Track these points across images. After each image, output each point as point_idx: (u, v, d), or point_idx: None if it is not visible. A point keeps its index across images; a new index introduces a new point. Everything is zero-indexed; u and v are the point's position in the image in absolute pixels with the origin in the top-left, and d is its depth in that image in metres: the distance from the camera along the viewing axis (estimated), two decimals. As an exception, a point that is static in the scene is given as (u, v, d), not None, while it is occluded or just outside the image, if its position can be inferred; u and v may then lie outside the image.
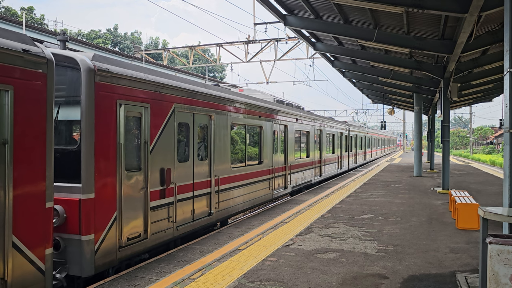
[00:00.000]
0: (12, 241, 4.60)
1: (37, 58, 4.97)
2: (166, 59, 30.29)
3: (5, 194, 4.52)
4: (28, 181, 4.83)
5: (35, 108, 4.92)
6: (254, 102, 12.05)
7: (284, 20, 12.55)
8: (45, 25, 45.16)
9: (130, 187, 6.84)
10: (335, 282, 5.68)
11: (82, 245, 5.94)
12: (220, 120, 9.84)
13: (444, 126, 15.57)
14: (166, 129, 7.73)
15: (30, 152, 4.86)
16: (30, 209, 4.85)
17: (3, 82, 4.52)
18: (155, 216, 7.38)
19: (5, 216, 4.51)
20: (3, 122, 4.54)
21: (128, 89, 6.81)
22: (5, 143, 4.54)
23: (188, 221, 8.48)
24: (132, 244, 6.85)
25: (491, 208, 4.84)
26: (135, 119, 7.02)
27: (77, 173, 6.00)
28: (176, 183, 8.05)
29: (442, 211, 11.45)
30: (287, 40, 24.03)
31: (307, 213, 11.09)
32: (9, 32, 4.94)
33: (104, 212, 6.29)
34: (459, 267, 6.40)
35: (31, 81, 4.89)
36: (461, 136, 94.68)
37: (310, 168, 18.10)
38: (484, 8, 8.21)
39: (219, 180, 9.75)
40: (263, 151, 12.59)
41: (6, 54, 4.58)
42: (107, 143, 6.37)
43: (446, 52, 11.87)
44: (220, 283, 5.62)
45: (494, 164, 38.27)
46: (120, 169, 6.58)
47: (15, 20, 25.07)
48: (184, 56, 51.67)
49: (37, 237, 4.94)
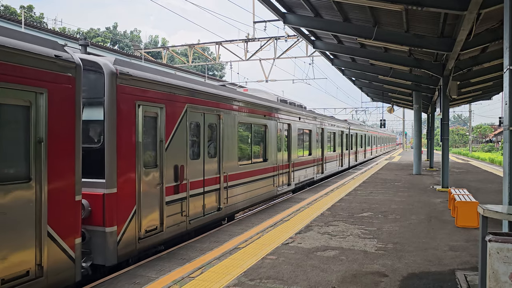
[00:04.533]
0: (47, 230, 5.09)
1: (67, 63, 5.43)
2: (166, 57, 30.24)
3: (41, 188, 5.01)
4: (60, 176, 5.32)
5: (66, 109, 5.40)
6: (259, 102, 12.46)
7: (284, 18, 12.53)
8: (45, 24, 45.08)
9: (148, 182, 7.26)
10: (334, 280, 5.69)
11: (106, 236, 6.36)
12: (228, 119, 10.26)
13: (444, 124, 15.58)
14: (179, 128, 8.14)
15: (61, 149, 5.35)
16: (62, 202, 5.34)
17: (39, 86, 5.01)
18: (170, 210, 7.81)
19: (41, 207, 5.01)
20: (39, 123, 5.04)
21: (146, 90, 7.25)
22: (41, 142, 5.04)
23: (199, 216, 8.89)
24: (150, 236, 7.27)
25: (490, 206, 4.84)
26: (151, 119, 7.44)
27: (101, 170, 6.42)
28: (189, 179, 8.45)
29: (441, 209, 11.46)
30: (287, 39, 23.98)
31: (307, 211, 11.10)
32: (42, 39, 5.38)
33: (125, 206, 6.72)
34: (459, 265, 6.40)
35: (62, 84, 5.36)
36: (461, 134, 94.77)
37: (312, 165, 18.45)
38: (484, 5, 8.20)
39: (227, 177, 10.15)
40: (268, 149, 13.01)
41: (41, 60, 5.04)
42: (127, 142, 6.79)
43: (446, 50, 11.86)
44: (219, 281, 5.63)
45: (493, 162, 38.29)
46: (139, 165, 7.01)
47: (14, 18, 25.01)
48: (184, 55, 51.61)
49: (68, 228, 5.43)
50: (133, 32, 66.13)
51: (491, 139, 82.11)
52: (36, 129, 5.01)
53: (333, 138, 23.12)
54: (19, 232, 4.79)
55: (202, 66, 58.26)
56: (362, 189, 15.94)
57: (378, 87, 25.00)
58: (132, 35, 64.25)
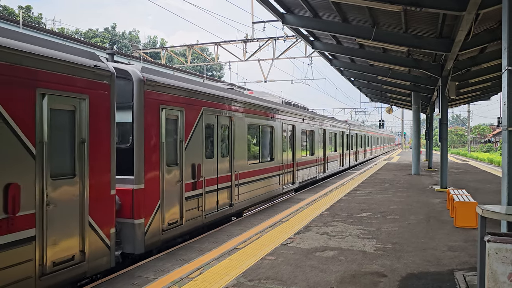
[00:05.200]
0: (89, 221, 5.79)
1: (104, 72, 6.11)
2: (164, 58, 30.22)
3: (83, 183, 5.71)
4: (99, 172, 6.01)
5: (103, 113, 6.10)
6: (266, 104, 13.20)
7: (283, 18, 12.53)
8: (43, 24, 45.05)
9: (170, 179, 7.95)
10: (333, 280, 5.69)
11: (134, 228, 7.06)
12: (239, 121, 10.98)
13: (442, 125, 15.60)
14: (196, 129, 8.84)
15: (100, 149, 6.04)
16: (100, 196, 6.02)
17: (82, 92, 5.69)
18: (188, 205, 8.50)
19: (84, 200, 5.70)
20: (82, 125, 5.73)
21: (168, 95, 7.95)
22: (83, 142, 5.74)
23: (213, 211, 9.58)
24: (171, 228, 7.98)
25: (489, 206, 4.85)
26: (173, 121, 8.13)
27: (130, 167, 7.09)
28: (205, 177, 9.16)
29: (440, 209, 11.47)
30: (285, 39, 23.98)
31: (306, 211, 11.10)
32: (82, 50, 6.08)
33: (151, 200, 7.39)
34: (457, 265, 6.41)
35: (100, 91, 6.04)
36: (459, 134, 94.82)
37: (315, 165, 19.14)
38: (482, 6, 8.21)
39: (238, 175, 10.84)
40: (274, 149, 13.72)
41: (83, 69, 5.73)
42: (153, 142, 7.48)
43: (444, 51, 11.87)
44: (218, 282, 5.62)
45: (492, 163, 38.32)
46: (162, 164, 7.70)
47: (12, 19, 24.98)
48: (182, 55, 51.58)
49: (105, 219, 6.11)
50: (131, 32, 66.10)
51: (490, 139, 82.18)
52: (79, 131, 5.72)
53: (334, 138, 23.73)
54: (66, 222, 5.48)
55: (201, 67, 58.26)
56: (361, 189, 15.94)
57: (377, 88, 25.01)
58: (131, 36, 64.22)
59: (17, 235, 4.79)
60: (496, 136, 77.59)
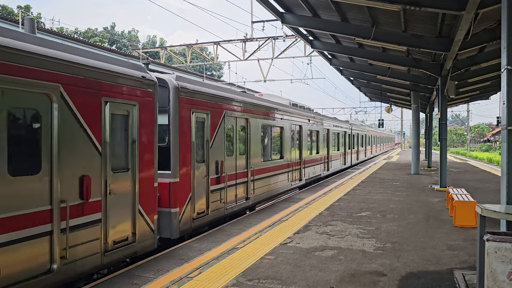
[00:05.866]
0: (138, 208, 6.84)
1: (149, 81, 7.16)
2: (164, 57, 30.20)
3: (134, 176, 6.78)
4: (146, 167, 7.07)
5: (149, 116, 7.16)
6: (277, 107, 14.24)
7: (282, 18, 12.52)
8: (42, 24, 44.98)
9: (199, 174, 9.05)
10: (333, 280, 5.69)
11: (171, 216, 8.14)
12: (254, 122, 12.05)
13: (442, 124, 15.61)
14: (219, 130, 9.92)
15: (146, 147, 7.10)
16: (147, 187, 7.06)
17: (133, 99, 6.77)
18: (213, 198, 9.59)
19: (135, 190, 6.76)
20: (133, 127, 6.79)
21: (197, 100, 9.04)
22: (134, 141, 6.81)
23: (233, 203, 10.69)
24: (200, 217, 9.05)
25: (488, 205, 4.85)
26: (201, 123, 9.21)
27: (167, 163, 8.16)
28: (226, 173, 10.27)
29: (439, 208, 11.47)
30: (285, 38, 23.95)
31: (305, 211, 11.10)
32: (133, 64, 7.20)
33: (184, 192, 8.47)
34: (457, 264, 6.41)
35: (146, 98, 7.10)
36: (459, 134, 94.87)
37: (320, 163, 20.31)
38: (481, 5, 8.21)
39: (253, 171, 11.98)
40: (284, 148, 14.87)
41: (134, 80, 6.82)
42: (185, 141, 8.56)
43: (443, 50, 11.87)
44: (218, 282, 5.62)
45: (491, 162, 38.35)
46: (193, 160, 8.79)
47: (11, 18, 24.94)
48: (182, 55, 51.54)
49: (150, 207, 7.17)
50: (131, 32, 66.03)
51: (489, 138, 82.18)
52: (131, 132, 6.77)
53: (337, 138, 24.77)
54: (122, 208, 6.53)
55: (200, 66, 58.20)
56: (361, 188, 15.95)
57: (376, 87, 25.01)
58: (130, 35, 64.15)
59: (89, 217, 5.88)
60: (495, 136, 77.62)
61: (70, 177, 5.57)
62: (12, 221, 4.77)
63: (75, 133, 5.66)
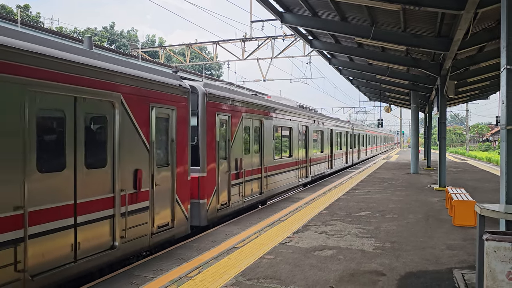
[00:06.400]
0: (176, 198, 7.98)
1: (183, 89, 8.31)
2: (163, 57, 30.17)
3: (173, 170, 7.91)
4: (182, 163, 8.20)
5: (184, 119, 8.29)
6: (286, 109, 15.37)
7: (281, 17, 12.51)
8: (41, 23, 44.94)
9: (222, 170, 10.22)
10: (332, 279, 5.69)
11: (200, 206, 9.29)
12: (267, 123, 13.21)
13: (441, 124, 15.60)
14: (238, 131, 11.07)
15: (182, 146, 8.23)
16: (182, 180, 8.23)
17: (172, 104, 7.89)
18: (233, 191, 10.74)
19: (173, 183, 7.90)
20: (172, 129, 7.91)
21: (221, 104, 10.24)
22: (173, 141, 7.94)
23: (249, 197, 11.87)
24: (223, 208, 10.24)
25: (487, 205, 4.85)
26: (223, 124, 10.39)
27: (196, 160, 9.30)
28: (244, 169, 11.42)
29: (439, 208, 11.48)
30: (284, 38, 23.92)
31: (304, 210, 11.10)
32: (171, 74, 8.42)
33: (210, 186, 9.67)
34: (456, 264, 6.41)
35: (182, 103, 8.21)
36: (458, 133, 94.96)
37: (324, 161, 21.51)
38: (481, 5, 8.20)
39: (267, 168, 13.17)
40: (292, 147, 16.07)
41: (173, 88, 7.96)
42: (212, 140, 9.74)
43: (443, 50, 11.87)
44: (217, 281, 5.61)
45: (490, 161, 38.39)
46: (217, 157, 9.96)
47: (10, 18, 24.91)
48: (181, 54, 51.50)
49: (185, 197, 8.33)
50: (130, 31, 65.94)
51: (488, 138, 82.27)
52: (171, 133, 7.88)
53: (339, 138, 25.89)
54: (164, 198, 7.61)
55: (200, 66, 58.15)
56: (360, 188, 15.95)
57: (375, 87, 25.00)
58: (129, 35, 64.08)
59: (141, 204, 6.97)
60: (494, 135, 77.72)
61: (127, 170, 6.68)
62: (88, 205, 5.87)
63: (131, 133, 6.80)
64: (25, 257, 4.93)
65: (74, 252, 5.66)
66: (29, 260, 4.97)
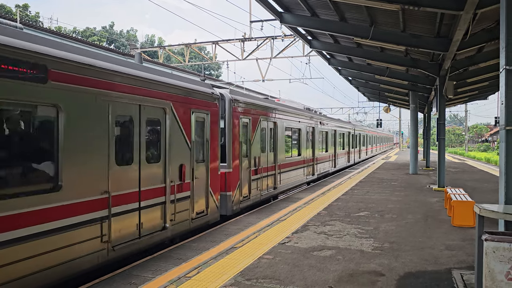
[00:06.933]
0: (209, 190, 9.34)
1: (215, 96, 9.68)
2: (162, 57, 30.14)
3: (207, 166, 9.27)
4: (214, 159, 9.57)
5: (215, 122, 9.65)
6: (296, 111, 16.74)
7: (280, 17, 12.51)
8: (40, 23, 44.88)
9: (244, 166, 11.50)
10: (331, 280, 5.68)
11: (227, 198, 10.59)
12: (280, 125, 14.50)
13: (440, 124, 15.60)
14: (256, 132, 12.35)
15: (214, 145, 9.60)
16: (214, 174, 9.59)
17: (206, 109, 9.22)
18: (253, 185, 12.06)
19: (208, 176, 9.27)
20: (206, 130, 9.24)
21: (243, 108, 11.53)
22: (208, 140, 9.28)
23: (265, 191, 13.19)
24: (244, 200, 11.56)
25: (486, 205, 4.85)
26: (245, 126, 11.61)
27: (223, 157, 10.54)
28: (262, 166, 12.74)
29: (437, 208, 11.48)
30: (283, 38, 23.91)
31: (304, 210, 11.09)
32: (206, 83, 9.82)
33: (235, 180, 10.95)
34: (455, 264, 6.42)
35: (213, 108, 9.57)
36: (457, 134, 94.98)
37: (329, 160, 22.84)
38: (480, 5, 8.20)
39: (280, 166, 14.42)
40: (301, 147, 17.34)
41: (208, 96, 9.33)
42: (236, 141, 11.03)
43: (442, 50, 11.87)
44: (216, 281, 5.61)
45: (489, 162, 38.42)
46: (240, 155, 11.23)
47: (9, 17, 24.86)
48: (180, 54, 51.47)
49: (216, 189, 9.70)
50: (129, 31, 65.91)
51: (487, 138, 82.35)
52: (206, 134, 9.20)
53: (342, 138, 27.23)
54: (200, 189, 8.97)
55: (199, 66, 58.11)
56: (359, 188, 15.96)
57: (374, 87, 25.00)
58: (129, 35, 64.04)
59: (184, 193, 8.31)
60: (493, 136, 77.79)
61: (175, 165, 7.99)
62: (148, 192, 7.17)
63: (178, 134, 8.11)
64: (109, 231, 6.25)
65: (139, 230, 6.97)
66: (111, 234, 6.30)
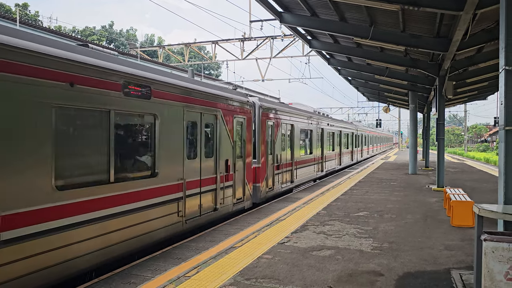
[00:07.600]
0: (245, 181, 11.37)
1: (250, 103, 11.80)
2: (162, 56, 30.11)
3: (244, 161, 11.28)
4: (248, 156, 11.60)
5: (250, 125, 11.80)
6: (307, 114, 18.86)
7: (280, 17, 12.50)
8: (40, 22, 44.84)
9: (269, 162, 13.53)
10: (330, 279, 5.69)
11: (257, 188, 12.57)
12: (296, 126, 16.66)
13: (439, 124, 15.61)
14: (278, 133, 14.40)
15: (248, 144, 11.63)
16: (249, 167, 11.71)
17: (243, 115, 11.27)
18: (276, 179, 14.20)
19: (244, 169, 11.32)
20: (243, 131, 11.30)
21: (269, 113, 13.55)
22: (244, 140, 11.29)
23: (285, 184, 15.26)
24: (269, 191, 13.60)
25: (486, 205, 4.85)
26: (270, 128, 13.62)
27: (254, 154, 12.55)
28: (282, 162, 14.89)
29: (437, 208, 11.49)
30: (283, 38, 23.93)
31: (303, 210, 11.10)
32: (242, 93, 12.03)
33: (263, 173, 12.97)
34: (454, 264, 6.42)
35: (248, 113, 11.64)
36: (456, 134, 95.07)
37: (334, 159, 25.04)
38: (480, 6, 8.20)
39: (296, 162, 16.58)
40: (312, 146, 19.45)
41: (244, 103, 11.37)
42: (264, 140, 13.02)
43: (442, 50, 11.88)
44: (215, 281, 5.61)
45: (488, 162, 38.45)
46: (267, 153, 13.24)
47: (9, 16, 24.84)
48: (180, 54, 51.45)
49: (250, 180, 11.78)
50: (129, 30, 65.86)
51: (486, 139, 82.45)
52: (243, 134, 11.22)
53: (347, 138, 29.43)
54: (239, 180, 11.02)
55: (198, 65, 58.10)
56: (358, 188, 15.96)
57: (374, 87, 25.01)
58: (128, 34, 63.99)
59: (229, 183, 10.41)
60: (492, 136, 77.86)
61: (222, 159, 10.05)
62: (205, 181, 9.24)
63: (224, 135, 10.16)
64: (184, 208, 8.33)
65: (200, 209, 8.98)
66: (186, 210, 8.40)
